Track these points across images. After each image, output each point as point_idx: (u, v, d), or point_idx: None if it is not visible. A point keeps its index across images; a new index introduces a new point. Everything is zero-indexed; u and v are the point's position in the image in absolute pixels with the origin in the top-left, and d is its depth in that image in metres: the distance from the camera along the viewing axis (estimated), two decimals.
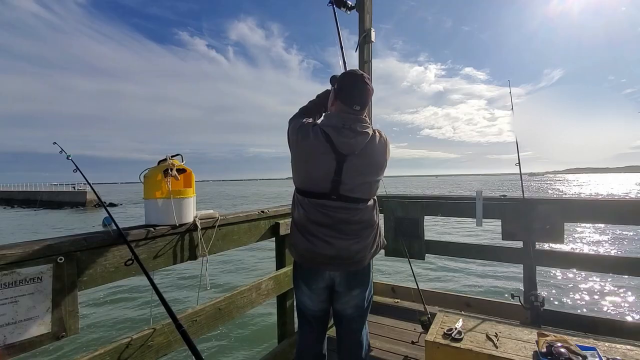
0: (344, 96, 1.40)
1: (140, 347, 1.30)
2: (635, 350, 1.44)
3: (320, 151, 1.36)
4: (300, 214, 1.46)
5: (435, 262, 8.48)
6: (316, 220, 1.41)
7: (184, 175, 1.57)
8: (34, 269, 1.04)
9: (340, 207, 1.39)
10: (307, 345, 1.63)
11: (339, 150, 1.36)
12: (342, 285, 1.49)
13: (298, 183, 1.48)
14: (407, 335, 2.48)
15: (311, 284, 1.50)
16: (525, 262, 2.36)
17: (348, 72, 1.48)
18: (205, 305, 1.63)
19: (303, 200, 1.45)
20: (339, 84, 1.44)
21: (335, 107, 1.45)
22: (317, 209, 1.40)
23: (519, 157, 2.33)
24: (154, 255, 1.41)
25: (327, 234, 1.40)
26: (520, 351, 1.47)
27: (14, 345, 0.99)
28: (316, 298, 1.53)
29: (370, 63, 2.82)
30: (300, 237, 1.46)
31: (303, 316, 1.61)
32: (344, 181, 1.38)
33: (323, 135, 1.37)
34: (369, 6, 2.81)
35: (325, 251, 1.41)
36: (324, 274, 1.47)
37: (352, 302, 1.54)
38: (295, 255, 1.53)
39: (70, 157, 1.41)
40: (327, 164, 1.36)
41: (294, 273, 1.60)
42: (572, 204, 2.38)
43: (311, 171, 1.41)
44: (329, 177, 1.37)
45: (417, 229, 2.79)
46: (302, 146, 1.40)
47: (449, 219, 15.06)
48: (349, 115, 1.39)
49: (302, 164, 1.44)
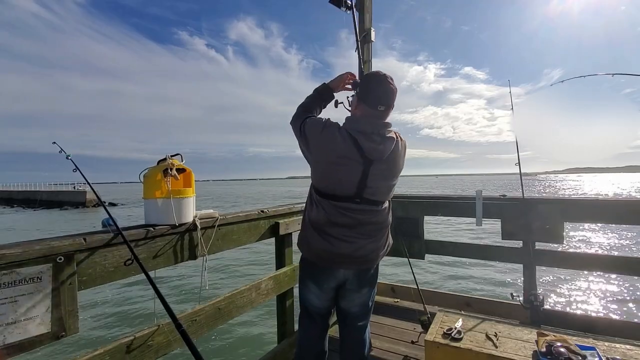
0: (369, 98, 1.39)
1: (140, 346, 1.30)
2: (634, 350, 1.44)
3: (348, 156, 1.35)
4: (319, 214, 1.43)
5: (435, 262, 8.49)
6: (337, 221, 1.40)
7: (184, 175, 1.57)
8: (33, 268, 1.04)
9: (362, 210, 1.41)
10: (309, 342, 1.63)
11: (367, 156, 1.36)
12: (354, 283, 1.51)
13: (319, 184, 1.45)
14: (407, 334, 2.48)
15: (322, 283, 1.50)
16: (525, 262, 2.36)
17: (369, 74, 1.47)
18: (205, 304, 1.62)
19: (323, 201, 1.42)
20: (363, 86, 1.44)
21: (359, 111, 1.43)
22: (338, 211, 1.40)
23: (519, 156, 2.33)
24: (153, 255, 1.41)
25: (346, 234, 1.41)
26: (520, 351, 1.47)
27: (13, 345, 0.99)
28: (324, 296, 1.54)
29: (370, 63, 2.82)
30: (317, 237, 1.44)
31: (306, 313, 1.61)
32: (369, 185, 1.39)
33: (351, 139, 1.36)
34: (369, 5, 2.80)
35: (343, 250, 1.41)
36: (337, 273, 1.48)
37: (360, 300, 1.56)
38: (308, 253, 1.51)
39: (70, 157, 1.41)
40: (354, 170, 1.36)
41: (303, 271, 1.59)
42: (572, 203, 2.38)
43: (337, 175, 1.38)
44: (355, 181, 1.37)
45: (417, 229, 2.79)
46: (328, 148, 1.37)
47: (449, 219, 15.08)
48: (376, 121, 1.39)
49: (326, 165, 1.40)
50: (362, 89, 1.43)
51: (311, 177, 1.49)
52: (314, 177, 1.47)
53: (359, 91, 1.45)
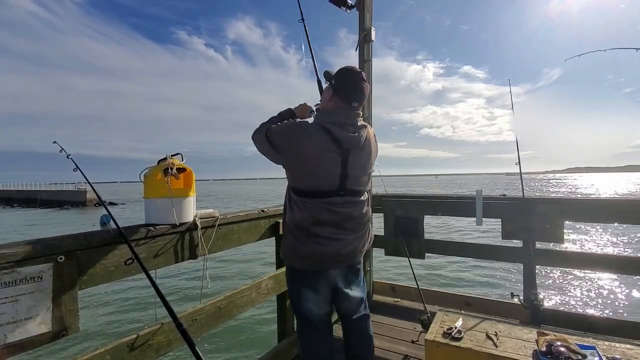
0: (343, 93, 1.41)
1: (141, 346, 1.30)
2: (634, 349, 1.44)
3: (326, 148, 1.36)
4: (303, 215, 1.41)
5: (435, 262, 8.49)
6: (323, 219, 1.39)
7: (184, 175, 1.57)
8: (34, 268, 1.04)
9: (346, 202, 1.41)
10: (317, 351, 1.53)
11: (344, 146, 1.38)
12: (343, 281, 1.50)
13: (301, 185, 1.44)
14: (407, 334, 2.48)
15: (317, 287, 1.47)
16: (525, 262, 2.36)
17: (346, 69, 1.46)
18: (205, 304, 1.62)
19: (306, 201, 1.40)
20: (337, 81, 1.44)
21: (332, 104, 1.44)
22: (324, 208, 1.39)
23: (519, 156, 2.33)
24: (154, 254, 1.41)
25: (332, 232, 1.41)
26: (520, 350, 1.48)
27: (14, 344, 0.99)
28: (322, 301, 1.50)
29: (371, 62, 2.82)
30: (304, 239, 1.42)
31: (308, 323, 1.53)
32: (350, 175, 1.40)
33: (325, 132, 1.36)
34: (369, 5, 2.79)
35: (332, 249, 1.40)
36: (328, 274, 1.46)
37: (355, 296, 1.55)
38: (295, 261, 1.47)
39: (71, 156, 1.41)
40: (334, 161, 1.37)
41: (293, 281, 1.54)
42: (572, 203, 2.38)
43: (318, 169, 1.38)
44: (337, 173, 1.38)
45: (417, 228, 2.79)
46: (304, 146, 1.36)
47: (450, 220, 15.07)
48: (349, 112, 1.41)
49: (306, 164, 1.39)
50: (337, 82, 1.44)
51: (288, 179, 1.48)
52: (292, 177, 1.46)
53: (334, 84, 1.44)
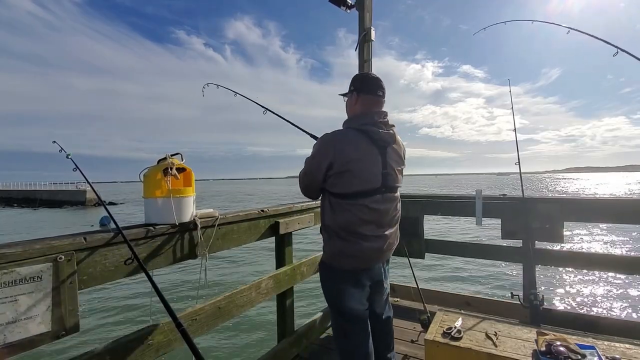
0: (366, 87, 1.50)
1: (141, 345, 1.30)
2: (634, 349, 1.44)
3: (366, 149, 1.41)
4: (347, 216, 1.41)
5: (435, 261, 8.49)
6: (367, 219, 1.42)
7: (184, 174, 1.57)
8: (33, 267, 1.04)
9: (385, 199, 1.46)
10: (367, 353, 1.49)
11: (381, 144, 1.43)
12: (382, 274, 1.56)
13: (344, 189, 1.42)
14: (406, 334, 2.48)
15: (362, 285, 1.48)
16: (525, 261, 2.36)
17: (359, 73, 1.62)
18: (205, 304, 1.62)
19: (349, 203, 1.41)
20: (355, 83, 1.54)
21: (360, 105, 1.50)
22: (366, 207, 1.41)
23: (519, 156, 2.33)
24: (153, 254, 1.41)
25: (374, 229, 1.44)
26: (520, 350, 1.48)
27: (14, 344, 0.98)
28: (364, 297, 1.51)
29: (370, 62, 2.82)
30: (350, 240, 1.42)
31: (357, 322, 1.49)
32: (389, 171, 1.45)
33: (362, 133, 1.42)
34: (369, 5, 2.79)
35: (377, 245, 1.45)
36: (374, 269, 1.51)
37: (386, 288, 1.61)
38: (344, 261, 1.46)
39: (70, 156, 1.41)
40: (376, 160, 1.42)
41: (335, 282, 1.51)
42: (572, 203, 2.38)
43: (363, 172, 1.40)
44: (379, 171, 1.43)
45: (417, 228, 2.79)
46: (347, 150, 1.38)
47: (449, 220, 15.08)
48: (378, 110, 1.48)
49: (350, 169, 1.39)
50: (357, 83, 1.53)
51: (327, 185, 1.46)
52: (336, 185, 1.43)
53: (354, 88, 1.53)
